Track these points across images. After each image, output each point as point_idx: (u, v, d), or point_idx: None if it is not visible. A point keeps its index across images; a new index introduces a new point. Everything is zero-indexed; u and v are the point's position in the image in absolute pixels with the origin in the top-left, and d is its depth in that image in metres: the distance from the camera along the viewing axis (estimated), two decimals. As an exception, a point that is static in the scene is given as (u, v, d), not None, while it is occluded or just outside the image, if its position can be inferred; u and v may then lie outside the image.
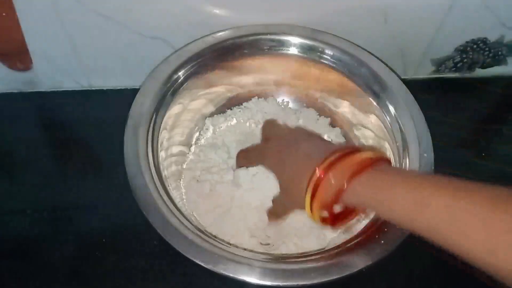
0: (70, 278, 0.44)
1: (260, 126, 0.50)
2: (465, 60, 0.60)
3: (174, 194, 0.43)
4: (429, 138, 0.43)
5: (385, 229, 0.38)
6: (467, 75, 0.62)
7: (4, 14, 0.47)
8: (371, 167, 0.32)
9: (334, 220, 0.34)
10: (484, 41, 0.57)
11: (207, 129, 0.52)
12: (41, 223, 0.47)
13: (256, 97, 0.54)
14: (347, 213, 0.35)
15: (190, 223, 0.38)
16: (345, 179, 0.31)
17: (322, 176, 0.32)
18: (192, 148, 0.51)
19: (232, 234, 0.43)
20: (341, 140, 0.52)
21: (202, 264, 0.35)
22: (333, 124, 0.53)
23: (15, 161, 0.52)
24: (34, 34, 0.50)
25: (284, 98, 0.55)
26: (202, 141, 0.51)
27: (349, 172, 0.31)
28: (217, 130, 0.52)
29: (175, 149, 0.49)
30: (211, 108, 0.53)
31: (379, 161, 0.33)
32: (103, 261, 0.45)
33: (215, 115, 0.53)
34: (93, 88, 0.58)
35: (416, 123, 0.44)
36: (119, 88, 0.58)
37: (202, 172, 0.48)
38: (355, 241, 0.38)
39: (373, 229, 0.38)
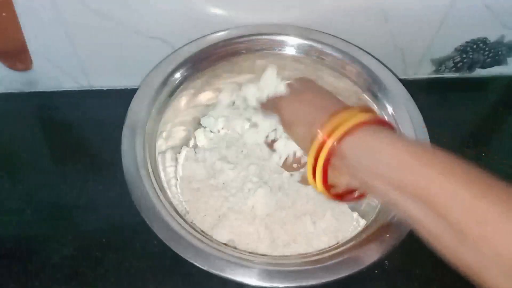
0: (70, 278, 0.44)
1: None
2: (465, 60, 0.60)
3: (172, 195, 0.43)
4: (426, 137, 0.43)
5: (384, 232, 0.38)
6: (467, 75, 0.62)
7: (4, 14, 0.47)
8: (361, 129, 0.31)
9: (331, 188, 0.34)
10: (484, 41, 0.57)
11: (205, 129, 0.52)
12: (41, 223, 0.47)
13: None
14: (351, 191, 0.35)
15: (188, 225, 0.38)
16: (334, 140, 0.31)
17: (322, 139, 0.32)
18: (190, 149, 0.51)
19: (231, 236, 0.43)
20: None
21: (202, 267, 0.35)
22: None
23: (15, 161, 0.52)
24: (34, 34, 0.50)
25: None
26: (200, 141, 0.51)
27: (339, 133, 0.31)
28: (216, 130, 0.52)
29: (174, 149, 0.49)
30: (209, 108, 0.53)
31: (371, 123, 0.32)
32: (103, 261, 0.45)
33: (213, 116, 0.53)
34: (93, 88, 0.58)
35: (413, 122, 0.44)
36: (119, 88, 0.58)
37: (199, 172, 0.48)
38: (354, 242, 0.38)
39: (371, 231, 0.38)
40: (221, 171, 0.48)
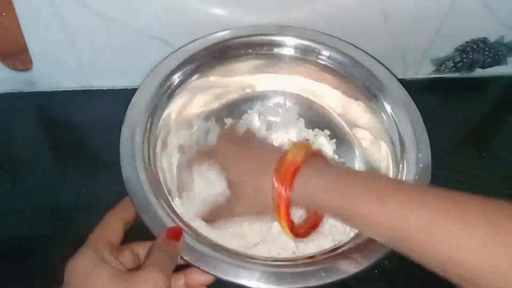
0: (70, 278, 0.44)
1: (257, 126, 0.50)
2: (465, 60, 0.60)
3: (171, 195, 0.43)
4: (426, 138, 0.43)
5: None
6: (467, 75, 0.62)
7: (4, 14, 0.47)
8: (301, 169, 0.34)
9: (296, 228, 0.36)
10: (484, 41, 0.57)
11: (204, 130, 0.52)
12: (41, 223, 0.47)
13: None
14: (312, 223, 0.38)
15: (187, 226, 0.38)
16: (286, 186, 0.34)
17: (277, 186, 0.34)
18: (189, 150, 0.50)
19: (229, 238, 0.43)
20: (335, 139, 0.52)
21: (202, 268, 0.35)
22: (330, 125, 0.53)
23: (15, 161, 0.52)
24: (34, 34, 0.50)
25: (281, 98, 0.54)
26: (199, 142, 0.51)
27: (286, 179, 0.34)
28: (215, 131, 0.52)
29: (173, 150, 0.49)
30: (209, 109, 0.53)
31: (307, 161, 0.34)
32: (103, 261, 0.45)
33: (213, 117, 0.53)
34: (93, 88, 0.58)
35: (413, 123, 0.44)
36: (119, 88, 0.58)
37: (198, 175, 0.48)
38: (352, 243, 0.38)
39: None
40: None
